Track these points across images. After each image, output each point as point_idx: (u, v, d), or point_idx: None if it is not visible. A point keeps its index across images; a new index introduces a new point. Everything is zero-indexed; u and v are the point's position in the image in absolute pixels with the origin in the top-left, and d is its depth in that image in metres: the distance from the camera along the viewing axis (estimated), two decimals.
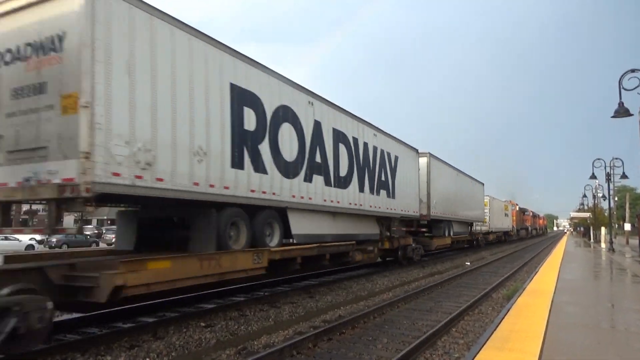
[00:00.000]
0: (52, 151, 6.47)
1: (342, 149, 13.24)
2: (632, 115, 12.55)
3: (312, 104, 11.83)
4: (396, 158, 17.39)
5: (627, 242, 39.52)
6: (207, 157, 8.20)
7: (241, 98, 9.15)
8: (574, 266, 16.10)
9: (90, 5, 6.31)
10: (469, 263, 21.49)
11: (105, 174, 6.40)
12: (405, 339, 7.35)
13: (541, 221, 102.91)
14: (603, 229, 34.72)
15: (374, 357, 6.46)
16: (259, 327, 8.08)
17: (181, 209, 8.73)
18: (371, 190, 15.09)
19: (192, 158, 7.89)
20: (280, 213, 10.56)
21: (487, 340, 5.27)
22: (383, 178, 16.10)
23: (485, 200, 36.28)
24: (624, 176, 26.09)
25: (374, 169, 15.42)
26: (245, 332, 7.78)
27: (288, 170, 10.60)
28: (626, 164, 26.77)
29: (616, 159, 27.63)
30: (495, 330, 5.77)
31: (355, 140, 14.09)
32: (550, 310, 7.07)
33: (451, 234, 25.73)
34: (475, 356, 4.66)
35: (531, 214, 77.34)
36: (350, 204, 13.60)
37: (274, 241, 10.35)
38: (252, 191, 9.37)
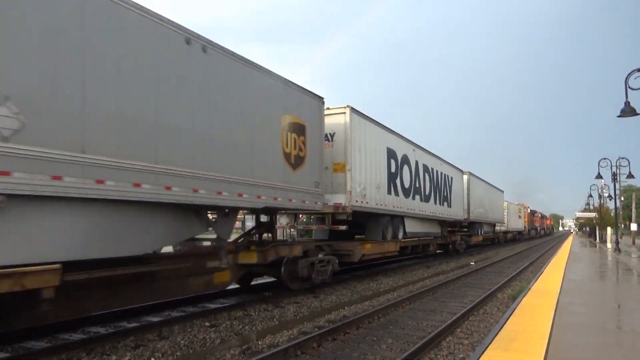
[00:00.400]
0: (327, 190, 12.93)
1: (426, 176, 20.29)
2: (639, 114, 12.47)
3: (415, 150, 18.87)
4: (451, 178, 24.55)
5: (634, 243, 39.40)
6: (379, 189, 15.24)
7: (389, 154, 16.22)
8: (580, 266, 16.07)
9: (349, 120, 13.34)
10: (473, 263, 21.46)
11: (354, 201, 13.37)
12: (410, 339, 7.39)
13: (548, 222, 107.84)
14: (609, 229, 34.55)
15: (378, 357, 6.49)
16: (263, 327, 8.15)
17: (360, 216, 14.82)
18: (439, 202, 22.15)
19: (375, 190, 14.93)
20: (402, 219, 17.66)
21: (492, 340, 5.27)
22: (445, 193, 23.20)
23: (504, 204, 42.85)
24: (630, 176, 25.96)
25: (441, 188, 22.52)
26: (249, 331, 7.81)
27: (405, 193, 17.58)
28: (632, 164, 26.64)
29: (622, 158, 27.52)
30: (500, 330, 5.77)
31: (432, 169, 21.14)
32: (555, 311, 7.07)
33: (482, 233, 33.46)
34: (480, 357, 4.66)
35: (540, 215, 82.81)
36: (429, 212, 20.62)
37: (400, 235, 17.45)
38: (394, 207, 16.43)
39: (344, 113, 13.34)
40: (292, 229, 15.45)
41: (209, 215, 9.24)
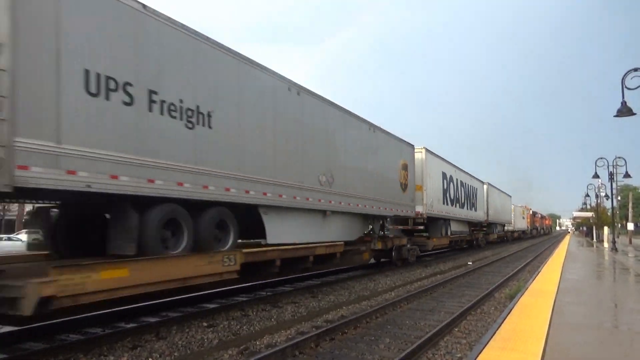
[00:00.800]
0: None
1: (462, 189, 27.07)
2: (635, 114, 12.52)
3: (455, 171, 25.66)
4: (476, 189, 31.63)
5: (630, 242, 39.53)
6: (439, 201, 22.04)
7: (443, 176, 22.95)
8: (577, 266, 16.11)
9: (425, 157, 20.26)
10: (471, 263, 21.49)
11: (427, 210, 20.15)
12: (408, 339, 7.37)
13: (547, 222, 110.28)
14: (606, 229, 34.67)
15: (376, 357, 6.48)
16: (261, 327, 8.14)
17: (426, 220, 21.32)
18: (469, 208, 29.07)
19: (437, 202, 21.66)
20: (449, 221, 24.54)
21: (490, 340, 5.28)
22: (472, 201, 30.22)
23: (511, 207, 48.93)
24: (627, 175, 26.10)
25: (470, 197, 29.45)
26: (247, 332, 7.83)
27: (451, 202, 24.36)
28: (629, 163, 26.75)
29: (619, 157, 27.62)
30: (497, 330, 5.78)
31: (465, 183, 28.01)
32: (552, 310, 7.08)
33: (496, 232, 40.74)
34: (477, 356, 4.67)
35: (540, 215, 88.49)
36: (464, 216, 27.61)
37: (448, 233, 24.41)
38: (445, 213, 23.23)
39: (421, 152, 20.08)
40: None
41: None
